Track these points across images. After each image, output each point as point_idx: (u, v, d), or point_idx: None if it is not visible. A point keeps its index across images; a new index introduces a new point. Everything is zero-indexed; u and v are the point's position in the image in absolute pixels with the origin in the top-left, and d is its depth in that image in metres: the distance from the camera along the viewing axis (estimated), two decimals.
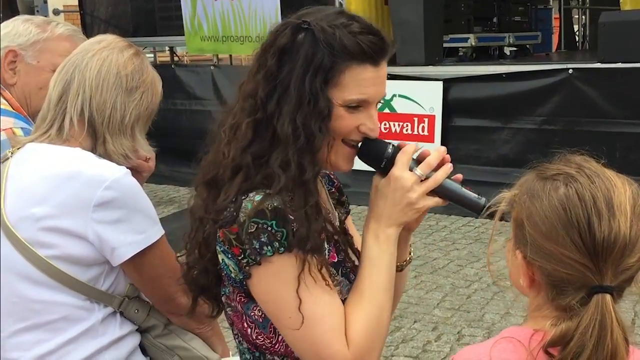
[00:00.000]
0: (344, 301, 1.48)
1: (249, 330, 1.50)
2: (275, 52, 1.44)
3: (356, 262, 1.57)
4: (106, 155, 1.85)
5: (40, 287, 1.78)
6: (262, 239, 1.38)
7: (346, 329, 1.43)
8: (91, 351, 1.81)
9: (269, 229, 1.38)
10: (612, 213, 1.15)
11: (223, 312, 1.61)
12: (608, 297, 1.14)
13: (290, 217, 1.39)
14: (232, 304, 1.51)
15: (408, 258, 1.66)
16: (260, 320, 1.48)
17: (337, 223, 1.63)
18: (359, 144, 1.52)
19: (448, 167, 1.52)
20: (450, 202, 1.53)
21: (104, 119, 1.84)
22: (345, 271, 1.54)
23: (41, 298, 1.78)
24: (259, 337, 1.49)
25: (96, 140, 1.85)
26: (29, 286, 1.78)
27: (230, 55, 9.39)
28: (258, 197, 1.40)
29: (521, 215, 1.23)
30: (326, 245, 1.49)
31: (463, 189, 1.52)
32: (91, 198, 1.74)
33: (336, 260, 1.51)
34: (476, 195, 1.52)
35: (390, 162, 1.50)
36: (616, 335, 1.12)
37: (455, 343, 4.25)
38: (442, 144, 7.02)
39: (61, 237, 1.76)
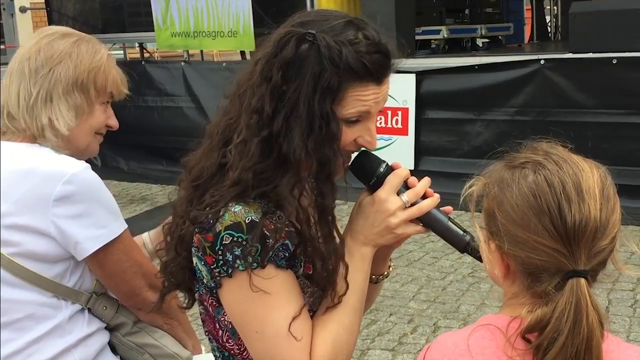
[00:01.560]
0: (314, 313, 1.48)
1: (220, 332, 1.50)
2: (279, 65, 1.39)
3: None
4: (56, 135, 1.83)
5: (4, 286, 1.75)
6: (236, 252, 1.37)
7: (311, 347, 1.42)
8: (59, 350, 1.79)
9: (244, 242, 1.37)
10: (582, 197, 1.16)
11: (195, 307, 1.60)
12: (583, 281, 1.14)
13: (267, 232, 1.38)
14: (205, 304, 1.51)
15: (385, 272, 1.65)
16: (230, 326, 1.47)
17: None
18: (354, 157, 1.50)
19: (436, 197, 1.50)
20: (433, 232, 1.51)
21: (18, 110, 1.83)
22: (320, 281, 1.50)
23: (6, 296, 1.76)
24: (229, 341, 1.49)
25: (30, 130, 1.83)
26: None
27: (202, 51, 9.31)
28: (237, 208, 1.39)
29: (492, 205, 1.23)
30: (302, 257, 1.47)
31: (449, 222, 1.50)
32: (50, 193, 1.73)
33: (311, 271, 1.48)
34: (461, 232, 1.50)
35: (380, 181, 1.48)
36: (591, 318, 1.12)
37: (431, 335, 4.25)
38: (416, 136, 7.02)
39: (23, 234, 1.75)
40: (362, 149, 1.50)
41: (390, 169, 1.49)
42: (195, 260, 1.45)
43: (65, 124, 1.84)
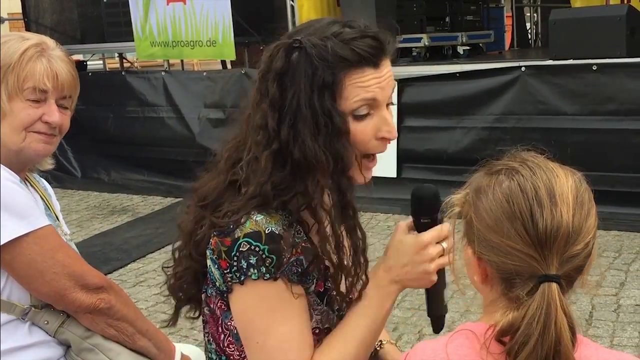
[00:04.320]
0: (324, 330, 1.49)
1: (222, 336, 1.50)
2: (274, 77, 1.42)
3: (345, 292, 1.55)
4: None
5: None
6: (251, 261, 1.39)
7: None
8: None
9: (260, 252, 1.39)
10: (554, 202, 1.17)
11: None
12: (554, 285, 1.15)
13: (284, 246, 1.39)
14: (211, 306, 1.52)
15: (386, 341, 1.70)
16: (235, 331, 1.47)
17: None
18: (423, 186, 1.51)
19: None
20: (429, 293, 1.55)
21: None
22: (329, 300, 1.51)
23: None
24: (230, 346, 1.49)
25: None
26: None
27: (182, 61, 9.28)
28: (259, 217, 1.40)
29: (469, 211, 1.25)
30: (315, 274, 1.47)
31: (446, 289, 1.55)
32: None
33: (322, 289, 1.49)
34: (445, 303, 1.56)
35: (431, 225, 1.48)
36: (560, 323, 1.13)
37: (416, 343, 4.19)
38: (398, 144, 7.01)
39: None
40: (431, 187, 1.50)
41: (442, 220, 1.50)
42: (209, 262, 1.46)
43: None
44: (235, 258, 1.39)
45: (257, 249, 1.38)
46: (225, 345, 1.50)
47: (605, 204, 6.03)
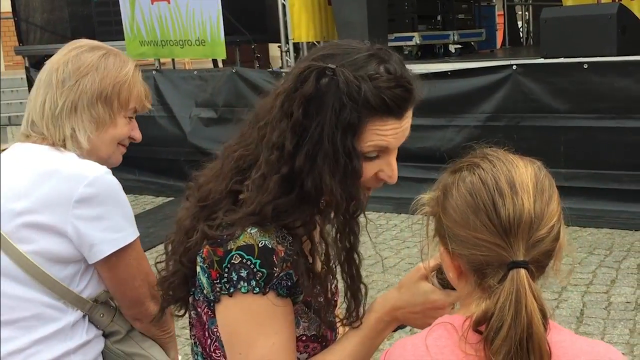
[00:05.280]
0: (311, 337, 1.50)
1: (208, 341, 1.50)
2: (300, 100, 1.37)
3: (331, 298, 1.56)
4: (77, 147, 1.87)
5: (15, 282, 1.79)
6: (242, 274, 1.38)
7: None
8: (59, 353, 1.80)
9: (252, 266, 1.38)
10: (515, 191, 1.21)
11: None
12: (522, 271, 1.18)
13: (275, 261, 1.39)
14: (198, 310, 1.51)
15: None
16: (221, 338, 1.47)
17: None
18: None
19: None
20: None
21: (42, 119, 1.88)
22: (317, 307, 1.51)
23: (15, 293, 1.79)
24: (217, 351, 1.49)
25: (52, 139, 1.87)
26: (5, 281, 1.78)
27: (173, 60, 9.26)
28: (253, 230, 1.40)
29: (437, 210, 1.29)
30: (304, 286, 1.46)
31: None
32: (72, 194, 1.76)
33: (309, 299, 1.49)
34: None
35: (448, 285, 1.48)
36: (530, 307, 1.16)
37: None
38: None
39: (40, 233, 1.77)
40: None
41: None
42: (199, 269, 1.45)
43: (86, 137, 1.88)
44: (226, 270, 1.39)
45: (249, 262, 1.38)
46: (212, 350, 1.50)
47: (597, 201, 6.06)
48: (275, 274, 1.39)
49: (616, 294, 4.68)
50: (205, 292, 1.45)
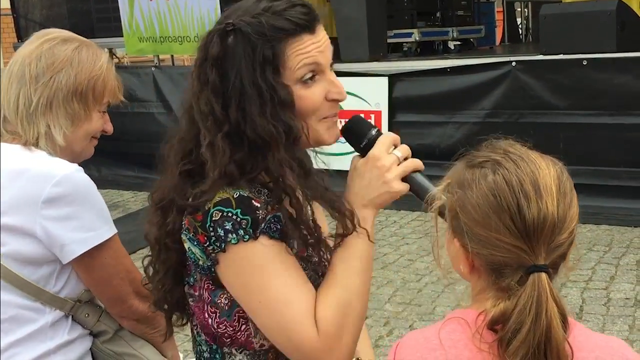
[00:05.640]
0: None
1: (209, 320, 1.48)
2: (212, 64, 1.42)
3: (324, 257, 1.54)
4: (51, 146, 1.83)
5: None
6: (227, 227, 1.38)
7: (315, 314, 1.40)
8: (38, 354, 1.77)
9: (234, 216, 1.38)
10: (539, 194, 1.19)
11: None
12: (544, 275, 1.18)
13: (257, 204, 1.39)
14: (196, 294, 1.50)
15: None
16: (226, 308, 1.46)
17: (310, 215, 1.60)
18: (345, 122, 1.51)
19: (419, 162, 1.51)
20: (418, 197, 1.51)
21: (16, 115, 1.83)
22: (314, 266, 1.50)
23: None
24: (221, 325, 1.47)
25: (25, 136, 1.83)
26: None
27: (172, 56, 9.24)
28: (226, 188, 1.41)
29: (454, 205, 1.26)
30: (296, 238, 1.46)
31: (431, 188, 1.49)
32: (40, 194, 1.72)
33: (305, 254, 1.48)
34: None
35: (371, 143, 1.49)
36: (550, 311, 1.16)
37: None
38: None
39: (10, 235, 1.74)
40: (355, 115, 1.53)
41: (380, 133, 1.52)
42: (187, 245, 1.44)
43: (62, 133, 1.84)
44: (210, 229, 1.39)
45: (229, 214, 1.38)
46: (216, 327, 1.48)
47: (596, 198, 6.05)
48: (261, 217, 1.39)
49: (615, 290, 4.69)
50: (201, 262, 1.44)
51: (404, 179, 1.49)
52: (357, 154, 1.53)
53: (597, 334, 1.29)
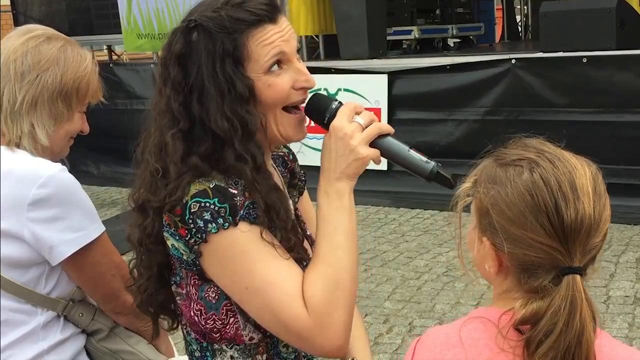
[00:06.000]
0: None
1: (196, 317, 1.47)
2: (174, 61, 1.43)
3: (308, 250, 1.54)
4: (35, 143, 1.81)
5: None
6: (206, 217, 1.37)
7: (303, 293, 1.40)
8: (31, 355, 1.76)
9: (212, 206, 1.38)
10: (577, 196, 1.18)
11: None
12: (578, 277, 1.16)
13: (233, 191, 1.39)
14: (183, 292, 1.49)
15: None
16: (214, 301, 1.45)
17: (291, 206, 1.59)
18: (305, 103, 1.50)
19: (387, 125, 1.49)
20: (394, 162, 1.48)
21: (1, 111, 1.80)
22: (297, 257, 1.48)
23: None
24: (209, 321, 1.46)
25: (8, 135, 1.80)
26: None
27: None
28: (201, 180, 1.41)
29: (485, 203, 1.24)
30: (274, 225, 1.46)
31: (410, 150, 1.47)
32: (25, 196, 1.69)
33: (287, 246, 1.47)
34: (424, 159, 1.46)
35: (333, 116, 1.47)
36: (585, 314, 1.15)
37: (406, 335, 4.23)
38: None
39: None
40: (315, 93, 1.52)
41: (341, 104, 1.50)
42: (170, 242, 1.43)
43: (45, 132, 1.82)
44: (190, 221, 1.38)
45: (207, 204, 1.38)
46: (204, 324, 1.47)
47: None
48: (239, 204, 1.39)
49: (615, 288, 4.69)
50: (186, 258, 1.43)
51: (373, 145, 1.46)
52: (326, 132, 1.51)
53: (621, 344, 1.27)
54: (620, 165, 6.06)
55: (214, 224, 1.37)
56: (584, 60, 6.15)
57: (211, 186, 1.39)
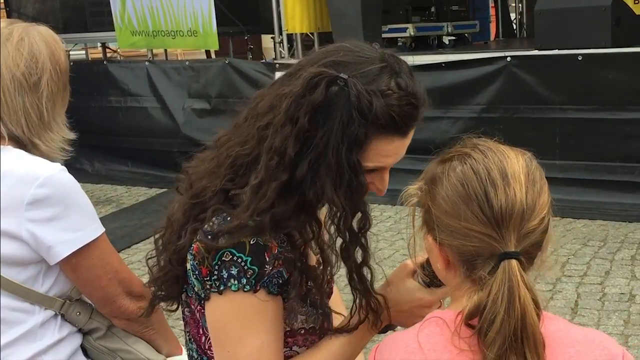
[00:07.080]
0: (309, 330, 1.49)
1: (203, 338, 1.48)
2: (307, 108, 1.34)
3: (325, 288, 1.54)
4: (44, 156, 1.78)
5: None
6: (232, 272, 1.36)
7: None
8: (29, 355, 1.74)
9: (242, 263, 1.36)
10: (507, 182, 1.20)
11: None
12: (514, 262, 1.17)
13: (267, 258, 1.37)
14: (192, 308, 1.50)
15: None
16: None
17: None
18: None
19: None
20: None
21: (23, 127, 1.77)
22: (313, 299, 1.49)
23: None
24: (212, 349, 1.47)
25: (25, 146, 1.78)
26: None
27: (166, 50, 9.21)
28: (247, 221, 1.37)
29: (426, 200, 1.28)
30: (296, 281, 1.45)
31: None
32: (24, 196, 1.68)
33: (304, 292, 1.47)
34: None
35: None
36: (523, 297, 1.15)
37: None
38: None
39: None
40: None
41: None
42: (189, 267, 1.43)
43: (66, 125, 1.83)
44: (216, 267, 1.37)
45: (239, 260, 1.36)
46: (207, 347, 1.49)
47: (591, 193, 6.06)
48: (267, 272, 1.37)
49: (610, 285, 4.69)
50: (196, 289, 1.43)
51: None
52: (417, 259, 1.54)
53: (577, 327, 1.27)
54: (616, 162, 6.07)
55: (237, 282, 1.36)
56: (579, 58, 6.14)
57: (252, 242, 1.36)
